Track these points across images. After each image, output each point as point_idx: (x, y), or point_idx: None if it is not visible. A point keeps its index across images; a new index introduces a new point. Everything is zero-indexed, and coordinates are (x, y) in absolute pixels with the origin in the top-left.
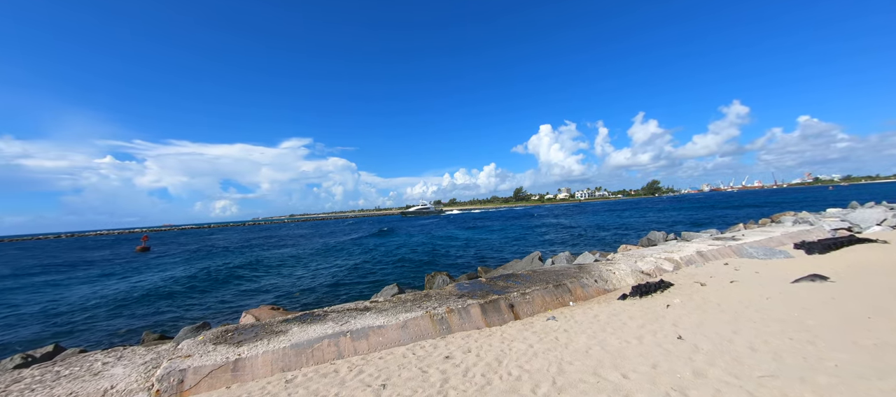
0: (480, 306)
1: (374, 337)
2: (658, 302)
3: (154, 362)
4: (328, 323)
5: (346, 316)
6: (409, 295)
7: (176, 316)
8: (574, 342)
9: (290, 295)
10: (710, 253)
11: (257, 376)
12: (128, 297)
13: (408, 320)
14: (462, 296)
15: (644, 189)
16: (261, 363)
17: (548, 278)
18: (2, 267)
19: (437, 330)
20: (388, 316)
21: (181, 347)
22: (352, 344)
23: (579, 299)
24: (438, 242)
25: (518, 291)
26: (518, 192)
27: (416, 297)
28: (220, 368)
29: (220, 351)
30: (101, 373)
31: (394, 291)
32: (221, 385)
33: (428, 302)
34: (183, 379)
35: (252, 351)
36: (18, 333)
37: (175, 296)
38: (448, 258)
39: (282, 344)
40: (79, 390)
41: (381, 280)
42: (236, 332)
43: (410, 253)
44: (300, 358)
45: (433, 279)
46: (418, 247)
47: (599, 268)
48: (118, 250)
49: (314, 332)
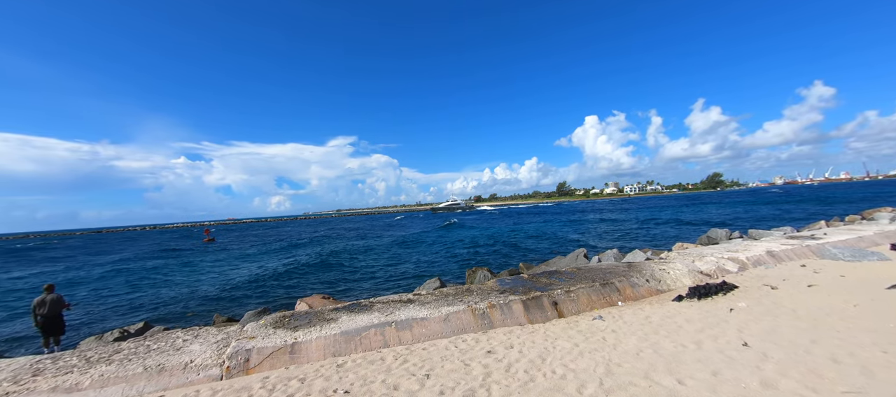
0: (522, 302)
1: (418, 328)
2: (719, 305)
3: (224, 341)
4: (374, 313)
5: (390, 307)
6: (450, 289)
7: (239, 300)
8: (623, 343)
9: (338, 285)
10: (783, 253)
11: (312, 359)
12: (199, 282)
13: (450, 313)
14: (504, 292)
15: (704, 182)
16: (314, 347)
17: (594, 276)
18: (101, 255)
19: (479, 324)
20: (431, 308)
21: (246, 329)
22: (397, 335)
23: (628, 299)
24: (478, 239)
25: (562, 289)
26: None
27: (457, 292)
28: (279, 350)
29: (279, 334)
30: (183, 349)
31: (436, 285)
32: (281, 365)
33: (469, 296)
34: (248, 358)
35: (307, 336)
36: (116, 311)
37: (238, 282)
38: (488, 254)
39: (333, 331)
40: (165, 362)
41: (422, 274)
42: (292, 318)
43: (449, 248)
44: (349, 344)
45: (474, 274)
46: (458, 243)
47: (651, 267)
48: (189, 241)
49: (362, 321)
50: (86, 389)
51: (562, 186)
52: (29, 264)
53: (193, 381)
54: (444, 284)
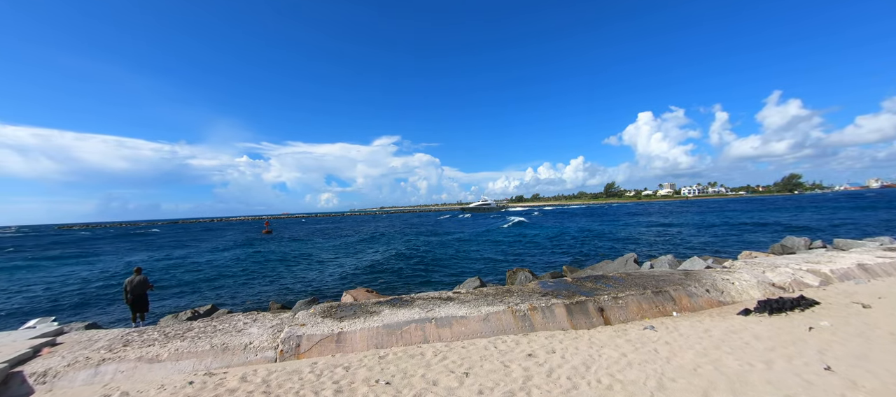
0: (566, 307)
1: (457, 326)
2: (796, 322)
3: (278, 327)
4: (415, 308)
5: (430, 303)
6: (490, 289)
7: (291, 288)
8: (678, 357)
9: (379, 278)
10: (878, 267)
11: (356, 349)
12: (258, 271)
13: (490, 313)
14: (546, 295)
15: (778, 185)
16: (358, 338)
17: (645, 283)
18: (176, 243)
19: (520, 326)
20: (470, 307)
21: (297, 317)
22: (436, 331)
23: (685, 309)
24: (518, 239)
25: (609, 294)
26: (610, 188)
27: (497, 292)
28: (327, 338)
29: (327, 323)
30: (243, 331)
31: (476, 284)
32: (328, 353)
33: (510, 297)
34: (299, 344)
35: (351, 326)
36: (188, 293)
37: (290, 272)
38: (528, 255)
39: (375, 324)
40: (229, 341)
41: (461, 272)
42: (339, 309)
43: (488, 248)
44: (391, 337)
45: (515, 275)
46: (496, 244)
47: (712, 277)
48: (250, 233)
49: (403, 316)
50: (165, 361)
51: (610, 187)
52: (131, 250)
53: (252, 361)
54: (484, 284)
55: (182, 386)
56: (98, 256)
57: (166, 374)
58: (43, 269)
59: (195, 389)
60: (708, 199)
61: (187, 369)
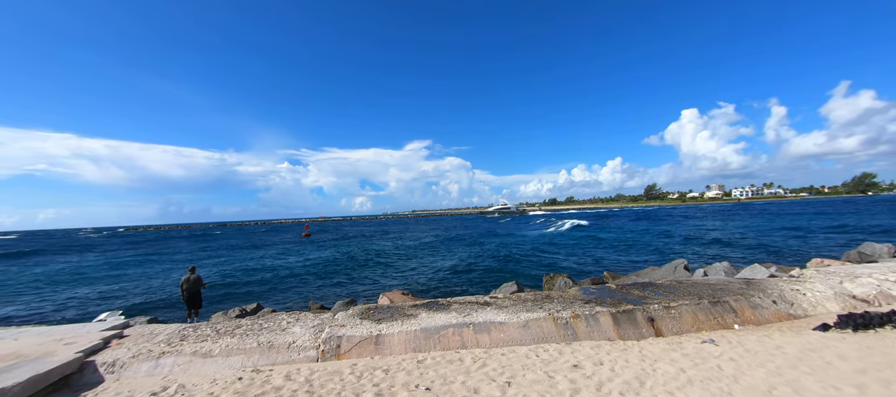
0: (612, 315)
1: (496, 332)
2: (888, 340)
3: (319, 327)
4: (452, 313)
5: (467, 308)
6: (529, 294)
7: (330, 288)
8: (747, 375)
9: (415, 282)
10: None
11: (394, 352)
12: (299, 271)
13: (529, 320)
14: (589, 302)
15: (848, 185)
16: (397, 341)
17: (700, 292)
18: (227, 244)
19: (562, 335)
20: (509, 313)
21: (337, 317)
22: (474, 337)
23: (748, 323)
24: (550, 243)
25: (659, 303)
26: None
27: (536, 298)
28: (365, 340)
29: (365, 325)
30: (287, 330)
31: (513, 289)
32: (367, 354)
33: (550, 304)
34: (339, 345)
35: (389, 329)
36: (237, 291)
37: (329, 273)
38: (562, 260)
39: (413, 328)
40: (273, 339)
41: (495, 276)
42: (376, 311)
43: (519, 252)
44: (428, 342)
45: (553, 280)
46: (527, 248)
47: (779, 286)
48: (290, 235)
49: (440, 320)
50: (216, 356)
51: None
52: (188, 250)
53: (295, 360)
54: (521, 288)
55: (232, 381)
56: (160, 255)
57: (218, 369)
58: (114, 266)
59: (244, 385)
60: (764, 201)
61: (236, 365)
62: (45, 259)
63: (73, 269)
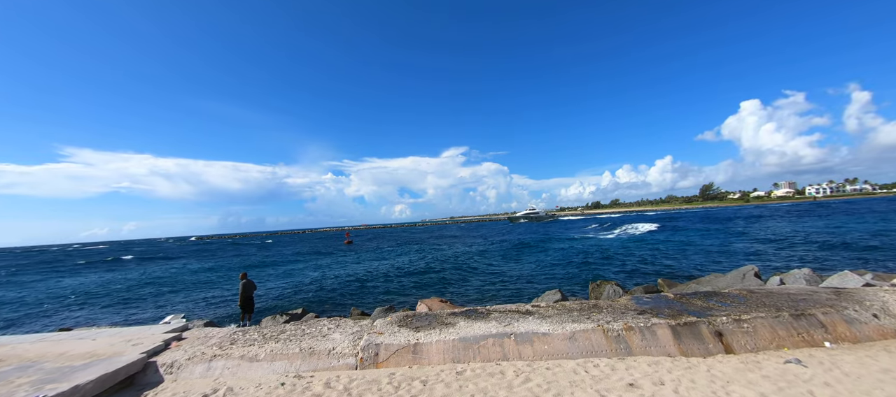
0: (671, 328)
1: (539, 344)
2: None
3: (358, 334)
4: (491, 322)
5: (508, 317)
6: (574, 303)
7: (369, 295)
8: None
9: (451, 288)
10: None
11: (432, 362)
12: (341, 278)
13: (576, 331)
14: (643, 312)
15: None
16: (435, 350)
17: (778, 303)
18: (278, 252)
19: (613, 348)
20: (553, 323)
21: (376, 324)
22: (516, 348)
23: (842, 339)
24: (592, 249)
25: (728, 316)
26: (706, 190)
27: (582, 307)
28: (403, 348)
29: (403, 333)
30: (327, 336)
31: (556, 297)
32: (405, 363)
33: (598, 314)
34: (378, 353)
35: (427, 337)
36: (283, 296)
37: (369, 280)
38: (607, 267)
39: (451, 337)
40: (315, 345)
41: (536, 284)
42: (414, 318)
43: (561, 258)
44: (468, 352)
45: (600, 288)
46: (569, 254)
47: (881, 297)
48: (334, 243)
49: (479, 329)
50: (262, 361)
51: (707, 189)
52: (244, 257)
53: (335, 367)
54: (565, 297)
55: (275, 386)
56: (221, 262)
57: (263, 374)
58: (184, 272)
59: (286, 391)
60: (847, 199)
61: (280, 370)
62: (127, 265)
63: (149, 275)
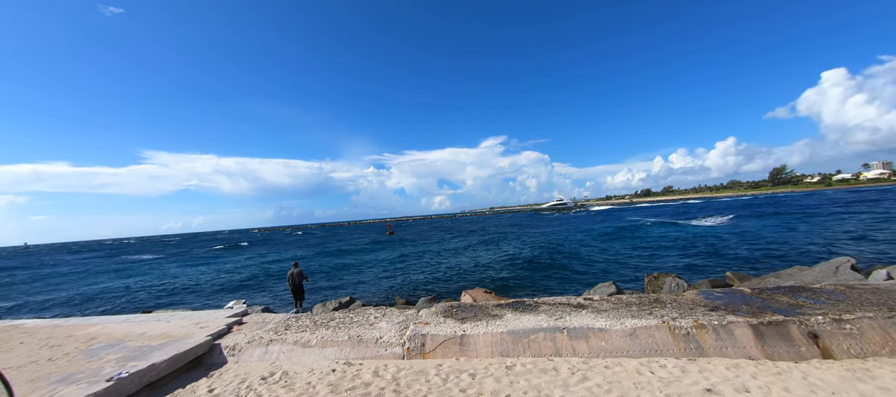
0: (752, 327)
1: (595, 340)
2: None
3: (404, 323)
4: (541, 315)
5: (559, 310)
6: (632, 297)
7: (413, 285)
8: None
9: (496, 279)
10: None
11: (480, 354)
12: (385, 267)
13: (637, 328)
14: (715, 309)
15: None
16: (482, 343)
17: (890, 301)
18: (325, 243)
19: (682, 348)
20: (610, 318)
21: (421, 314)
22: (570, 344)
23: None
24: (638, 238)
25: (824, 314)
26: (777, 173)
27: (642, 301)
28: (450, 340)
29: (449, 324)
30: (374, 325)
31: (610, 290)
32: (452, 355)
33: (661, 309)
34: (424, 343)
35: (474, 329)
36: (331, 284)
37: (411, 269)
38: (659, 256)
39: (499, 329)
40: (362, 334)
41: (585, 275)
42: (459, 309)
43: (607, 248)
44: (517, 346)
45: (659, 281)
46: (616, 242)
47: None
48: (376, 234)
49: (528, 323)
50: (313, 347)
51: (779, 172)
52: (298, 247)
53: (382, 355)
54: (620, 290)
55: (326, 372)
56: (276, 252)
57: (315, 359)
58: (244, 260)
59: (337, 377)
60: None
61: (330, 356)
62: (196, 255)
63: (214, 263)
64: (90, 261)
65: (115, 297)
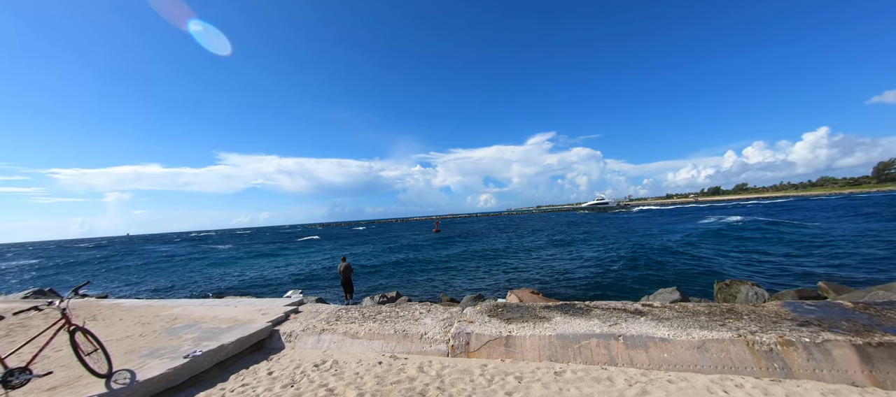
0: (857, 348)
1: (656, 350)
2: None
3: (448, 321)
4: (593, 319)
5: (613, 315)
6: (700, 305)
7: (457, 283)
8: None
9: (542, 280)
10: None
11: (527, 357)
12: (430, 264)
13: (706, 340)
14: (805, 324)
15: None
16: (529, 345)
17: None
18: (376, 239)
19: (764, 367)
20: (673, 327)
21: (465, 313)
22: (626, 353)
23: None
24: (706, 240)
25: None
26: (885, 168)
27: (712, 310)
28: (495, 340)
29: (494, 324)
30: (419, 320)
31: (674, 297)
32: (497, 356)
33: (736, 320)
34: (469, 342)
35: (520, 331)
36: (379, 279)
37: (456, 267)
38: (728, 262)
39: (547, 332)
40: (408, 328)
41: (643, 279)
42: (505, 309)
43: (658, 251)
44: (567, 351)
45: (732, 288)
46: (675, 244)
47: None
48: (423, 231)
49: (579, 327)
50: (361, 338)
51: (886, 167)
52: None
53: (427, 351)
54: (685, 297)
55: (373, 364)
56: (330, 246)
57: (362, 350)
58: (303, 254)
59: (383, 369)
60: None
61: (377, 348)
62: (263, 247)
63: (279, 255)
64: (178, 250)
65: (194, 282)
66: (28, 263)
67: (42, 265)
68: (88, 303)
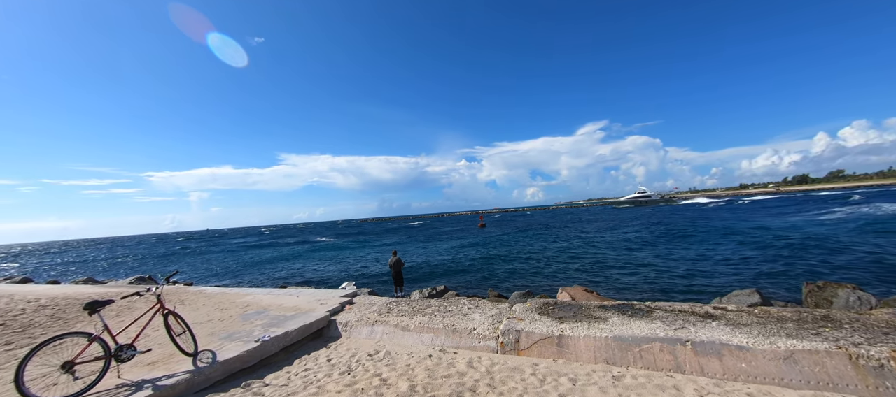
0: None
1: (731, 359)
2: None
3: (497, 317)
4: (655, 321)
5: (679, 318)
6: (787, 311)
7: (504, 278)
8: None
9: (595, 279)
10: None
11: (581, 359)
12: (477, 259)
13: (795, 350)
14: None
15: None
16: (583, 346)
17: None
18: (424, 233)
19: (871, 385)
20: (753, 334)
21: (514, 309)
22: (696, 360)
23: None
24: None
25: None
26: None
27: (802, 317)
28: (546, 339)
29: (545, 322)
30: (468, 316)
31: (753, 299)
32: (549, 355)
33: (833, 329)
34: (518, 339)
35: (574, 331)
36: (427, 273)
37: (504, 262)
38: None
39: (603, 333)
40: (456, 323)
41: (711, 279)
42: (556, 307)
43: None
44: (625, 354)
45: (826, 291)
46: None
47: None
48: (469, 225)
49: (639, 329)
50: (412, 331)
51: None
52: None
53: (476, 347)
54: (767, 301)
55: (424, 357)
56: (381, 240)
57: (413, 343)
58: (358, 248)
59: (433, 363)
60: None
61: (427, 342)
62: (321, 241)
63: (334, 248)
64: (248, 243)
65: (262, 273)
66: (131, 251)
67: (145, 254)
68: (178, 290)
